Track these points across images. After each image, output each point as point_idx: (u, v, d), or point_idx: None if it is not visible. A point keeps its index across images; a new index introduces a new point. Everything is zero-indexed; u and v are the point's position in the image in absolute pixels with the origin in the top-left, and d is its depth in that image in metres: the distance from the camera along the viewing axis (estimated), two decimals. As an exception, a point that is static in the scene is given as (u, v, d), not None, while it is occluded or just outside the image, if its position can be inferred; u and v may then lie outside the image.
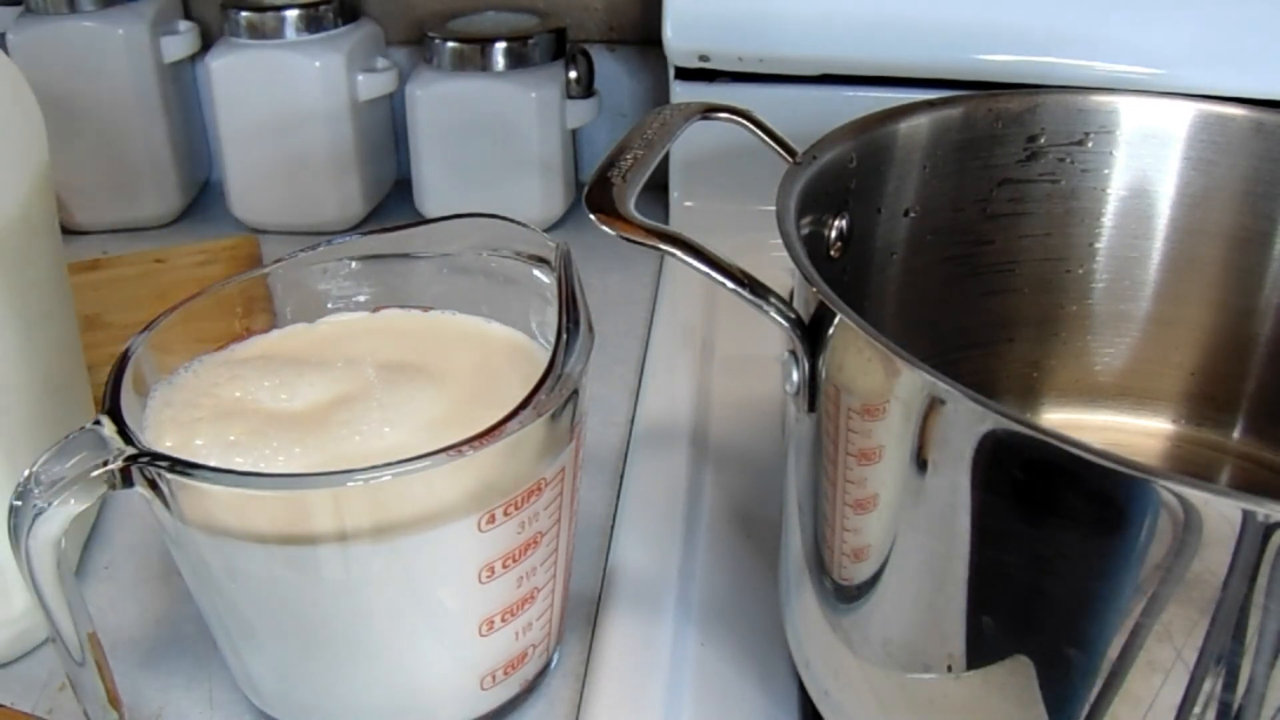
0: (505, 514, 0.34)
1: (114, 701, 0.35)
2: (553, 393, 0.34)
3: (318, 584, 0.34)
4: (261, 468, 0.34)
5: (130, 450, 0.32)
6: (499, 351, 0.41)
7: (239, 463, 0.34)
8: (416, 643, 0.36)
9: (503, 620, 0.36)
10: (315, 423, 0.36)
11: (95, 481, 0.32)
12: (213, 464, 0.33)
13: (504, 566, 0.35)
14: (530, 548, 0.36)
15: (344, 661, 0.36)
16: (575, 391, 0.35)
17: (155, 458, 0.32)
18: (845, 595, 0.34)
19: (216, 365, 0.39)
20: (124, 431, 0.33)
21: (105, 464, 0.32)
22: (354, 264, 0.42)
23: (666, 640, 0.41)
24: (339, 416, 0.36)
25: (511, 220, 0.41)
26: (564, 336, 0.35)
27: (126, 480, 0.32)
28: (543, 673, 0.41)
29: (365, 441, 0.36)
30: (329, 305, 0.42)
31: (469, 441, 0.32)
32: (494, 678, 0.38)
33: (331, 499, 0.32)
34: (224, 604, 0.36)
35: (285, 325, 0.42)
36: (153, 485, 0.33)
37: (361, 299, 0.43)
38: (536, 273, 0.40)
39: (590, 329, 0.37)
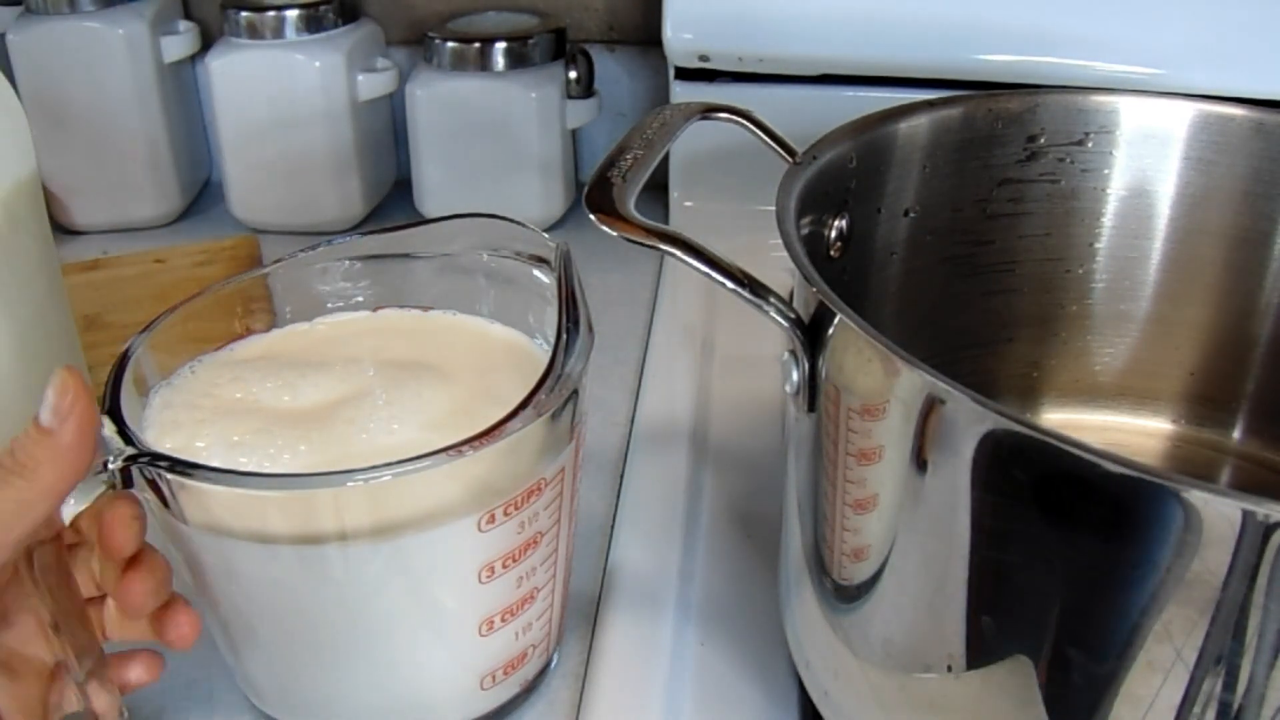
0: (505, 514, 0.34)
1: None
2: (553, 392, 0.34)
3: (318, 584, 0.34)
4: (266, 467, 0.34)
5: (130, 450, 0.32)
6: (499, 351, 0.41)
7: (243, 463, 0.34)
8: (416, 643, 0.36)
9: (502, 620, 0.36)
10: (320, 421, 0.36)
11: (94, 482, 0.32)
12: (214, 464, 0.33)
13: (504, 566, 0.35)
14: (530, 548, 0.36)
15: (344, 661, 0.36)
16: (575, 391, 0.35)
17: (155, 458, 0.32)
18: (845, 595, 0.34)
19: (217, 366, 0.39)
20: (124, 432, 0.33)
21: (105, 465, 0.32)
22: (354, 264, 0.42)
23: (666, 640, 0.41)
24: (344, 414, 0.36)
25: (511, 220, 0.41)
26: (564, 336, 0.35)
27: (127, 481, 0.32)
28: (542, 673, 0.41)
29: (373, 439, 0.36)
30: (329, 305, 0.42)
31: (469, 441, 0.32)
32: (494, 678, 0.38)
33: (332, 499, 0.32)
34: (224, 604, 0.36)
35: (285, 325, 0.42)
36: (152, 486, 0.33)
37: (361, 299, 0.43)
38: (536, 273, 0.40)
39: (590, 329, 0.36)
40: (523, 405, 0.33)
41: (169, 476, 0.32)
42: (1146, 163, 0.43)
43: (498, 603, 0.36)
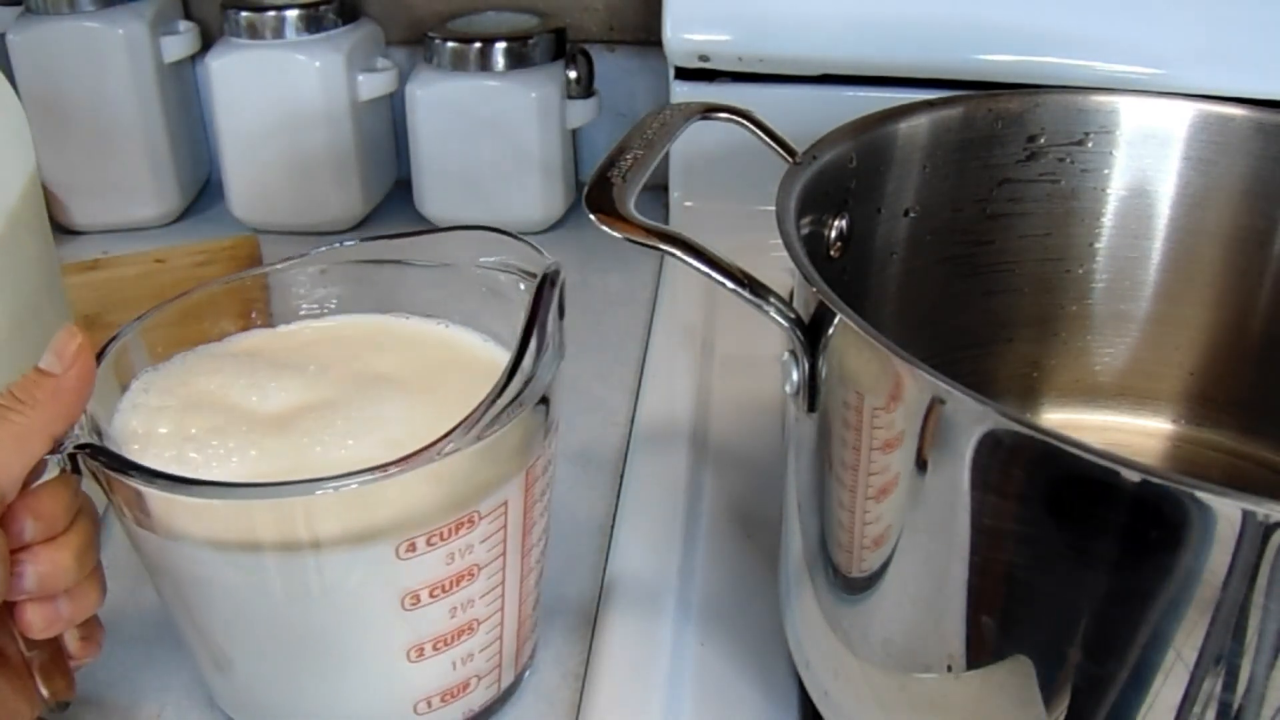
0: (428, 544, 0.33)
1: (62, 673, 0.35)
2: (480, 424, 0.32)
3: (241, 587, 0.34)
4: (213, 466, 0.34)
5: (81, 439, 0.33)
6: (484, 371, 0.39)
7: (193, 458, 0.34)
8: (341, 662, 0.36)
9: (435, 649, 0.36)
10: (278, 427, 0.36)
11: (51, 464, 0.32)
12: (149, 462, 0.33)
13: (431, 595, 0.34)
14: (464, 579, 0.35)
15: (278, 665, 0.36)
16: (546, 416, 0.34)
17: (96, 451, 0.32)
18: (845, 595, 0.34)
19: (205, 356, 0.39)
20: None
21: (57, 449, 0.32)
22: (349, 269, 0.42)
23: (666, 640, 0.41)
24: (303, 424, 0.36)
25: (510, 234, 0.40)
26: (514, 364, 0.34)
27: (75, 467, 0.33)
28: (497, 701, 0.40)
29: (326, 452, 0.35)
30: (323, 309, 0.42)
31: (381, 467, 0.31)
32: (429, 704, 0.37)
33: (239, 510, 0.32)
34: (164, 594, 0.36)
35: (280, 325, 0.42)
36: (95, 475, 0.33)
37: (355, 305, 0.42)
38: (524, 287, 0.40)
39: (559, 355, 0.36)
40: (444, 437, 0.32)
41: (107, 472, 0.32)
42: (1146, 163, 0.43)
43: (427, 631, 0.35)
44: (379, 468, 0.31)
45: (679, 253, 0.32)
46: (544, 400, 0.35)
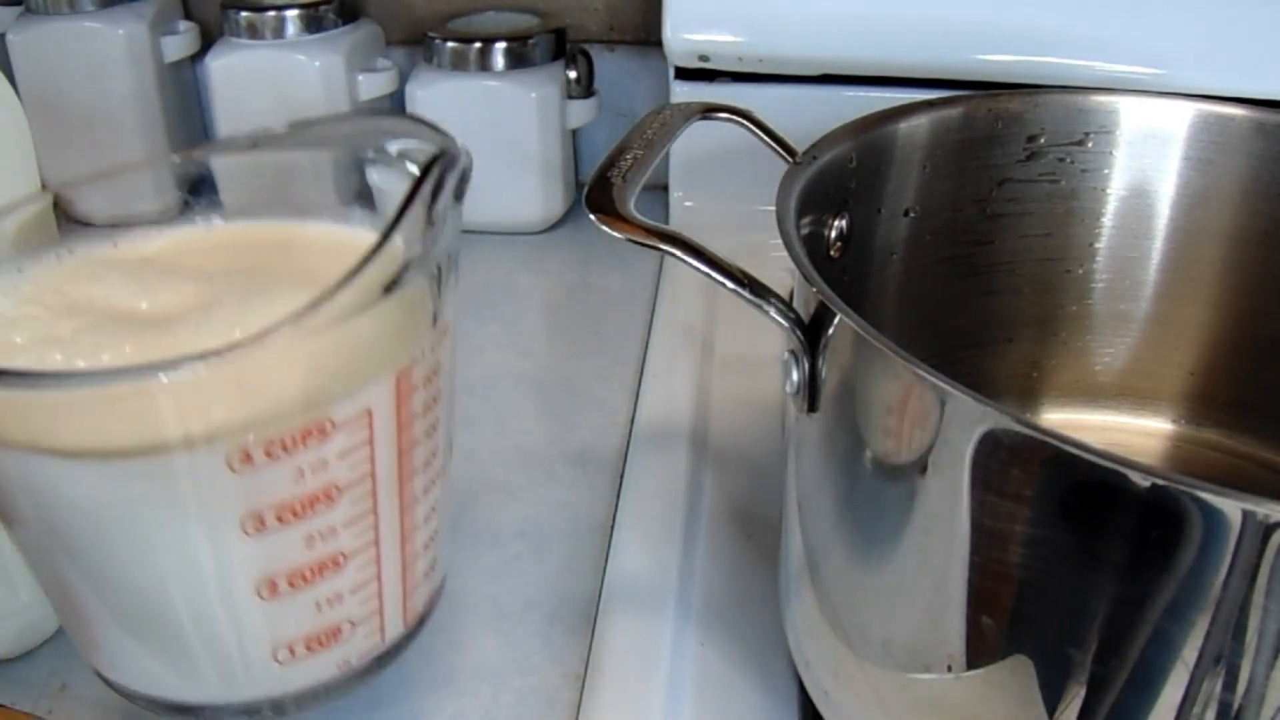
0: (267, 454, 0.28)
1: None
2: (333, 302, 0.28)
3: (58, 506, 0.30)
4: (76, 361, 0.30)
5: None
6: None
7: (57, 358, 0.30)
8: (175, 597, 0.31)
9: (290, 585, 0.31)
10: (158, 325, 0.32)
11: None
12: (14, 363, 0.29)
13: (279, 520, 0.30)
14: (320, 502, 0.30)
15: (98, 595, 0.32)
16: (431, 314, 0.31)
17: None
18: (845, 595, 0.34)
19: (87, 262, 0.35)
20: None
21: None
22: (252, 161, 0.37)
23: (666, 640, 0.41)
24: (190, 318, 0.32)
25: (424, 122, 0.36)
26: (384, 236, 0.29)
27: None
28: (384, 656, 0.35)
29: (204, 344, 0.29)
30: (224, 206, 0.38)
31: (205, 355, 0.27)
32: (292, 651, 0.32)
33: (38, 403, 0.28)
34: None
35: (182, 224, 0.37)
36: None
37: (259, 200, 0.38)
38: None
39: (455, 243, 0.31)
40: (286, 319, 0.27)
41: None
42: (1146, 163, 0.43)
43: (278, 563, 0.30)
44: (199, 355, 0.26)
45: (679, 253, 0.32)
46: (429, 292, 0.31)
